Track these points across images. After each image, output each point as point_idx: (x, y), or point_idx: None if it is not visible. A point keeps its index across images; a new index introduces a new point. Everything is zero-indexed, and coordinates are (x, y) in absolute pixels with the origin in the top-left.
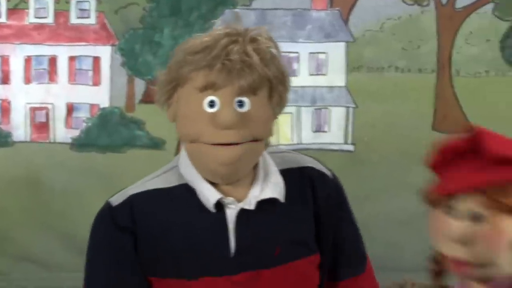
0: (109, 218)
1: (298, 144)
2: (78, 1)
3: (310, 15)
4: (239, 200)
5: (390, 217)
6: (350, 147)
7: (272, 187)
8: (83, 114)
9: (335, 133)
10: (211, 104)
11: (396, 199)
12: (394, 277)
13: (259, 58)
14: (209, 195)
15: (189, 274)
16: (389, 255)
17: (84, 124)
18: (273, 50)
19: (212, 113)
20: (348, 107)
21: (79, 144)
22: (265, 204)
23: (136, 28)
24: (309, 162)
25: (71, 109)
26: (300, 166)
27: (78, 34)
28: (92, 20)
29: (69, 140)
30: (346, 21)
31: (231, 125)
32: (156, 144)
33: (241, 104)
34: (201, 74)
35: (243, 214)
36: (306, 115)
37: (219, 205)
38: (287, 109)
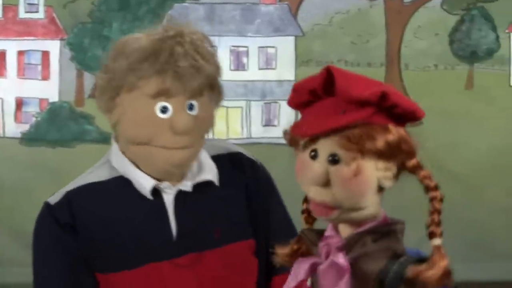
0: (50, 217)
1: (248, 138)
2: None
3: (259, 9)
4: (175, 185)
5: None
6: None
7: (206, 171)
8: (32, 109)
9: (284, 127)
10: (164, 109)
11: None
12: None
13: (203, 59)
14: (144, 183)
15: (133, 263)
16: None
17: (34, 119)
18: (209, 47)
19: (165, 119)
20: None
21: (28, 139)
22: (201, 187)
23: (84, 23)
24: (238, 149)
25: (20, 103)
26: (229, 152)
27: (26, 29)
28: (40, 14)
29: (19, 135)
30: (295, 15)
31: (188, 131)
32: (105, 138)
33: (191, 107)
34: (152, 81)
35: (180, 196)
36: (256, 109)
37: (156, 192)
38: (236, 103)
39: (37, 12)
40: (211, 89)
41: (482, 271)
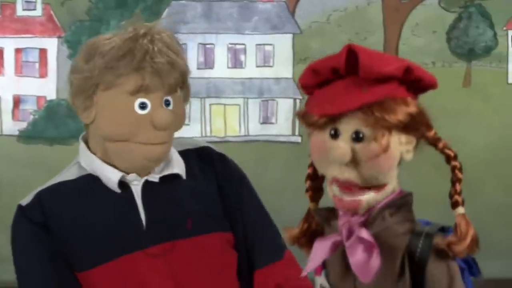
0: (23, 218)
1: (245, 135)
2: None
3: (256, 7)
4: (142, 178)
5: None
6: (298, 139)
7: (173, 165)
8: (30, 107)
9: (282, 124)
10: (142, 106)
11: None
12: None
13: (176, 55)
14: (112, 176)
15: (106, 257)
16: None
17: (31, 117)
18: (178, 45)
19: (144, 114)
20: (295, 98)
21: (26, 136)
22: (168, 180)
23: (82, 20)
24: (207, 144)
25: (18, 101)
26: (197, 147)
27: (24, 26)
28: (38, 12)
29: (16, 133)
30: (292, 13)
31: (169, 126)
32: None
33: (168, 103)
34: (130, 79)
35: (147, 187)
36: (253, 107)
37: (124, 185)
38: (234, 101)
39: (34, 9)
40: (183, 85)
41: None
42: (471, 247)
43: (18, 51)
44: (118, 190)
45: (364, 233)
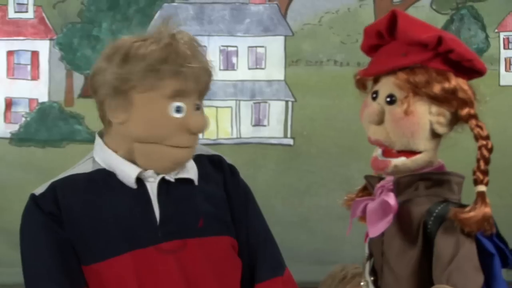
0: (35, 207)
1: (237, 138)
2: None
3: (248, 9)
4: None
5: (330, 210)
6: (290, 141)
7: (187, 170)
8: (22, 109)
9: (274, 127)
10: (178, 109)
11: (336, 193)
12: None
13: (205, 59)
14: (129, 171)
15: (118, 251)
16: (328, 249)
17: (23, 119)
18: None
19: (179, 118)
20: (287, 101)
21: (18, 139)
22: (183, 182)
23: (74, 22)
24: (218, 153)
25: (9, 103)
26: (210, 154)
27: (16, 29)
28: (30, 14)
29: (8, 135)
30: (284, 15)
31: (203, 130)
32: (95, 138)
33: (198, 107)
34: (170, 83)
35: (163, 185)
36: (246, 109)
37: (140, 182)
38: (226, 103)
39: (26, 12)
40: (207, 89)
41: None
42: (480, 223)
43: (10, 53)
44: (134, 186)
45: (390, 197)
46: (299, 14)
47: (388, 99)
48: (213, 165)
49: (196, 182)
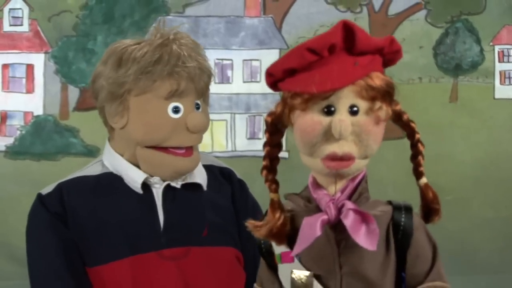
0: (41, 206)
1: (232, 151)
2: (11, 9)
3: (243, 22)
4: (164, 181)
5: None
6: (285, 154)
7: (196, 175)
8: (17, 122)
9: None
10: (176, 110)
11: None
12: None
13: (203, 59)
14: (136, 177)
15: (121, 254)
16: None
17: (18, 132)
18: (200, 48)
19: (178, 118)
20: None
21: (13, 152)
22: (190, 188)
23: (69, 36)
24: (229, 167)
25: (5, 117)
26: (221, 166)
27: (11, 42)
28: (25, 27)
29: (3, 148)
30: (279, 28)
31: (202, 128)
32: (90, 151)
33: (198, 106)
34: (165, 83)
35: (169, 191)
36: (241, 122)
37: (146, 187)
38: (221, 116)
39: (21, 25)
40: (207, 89)
41: (464, 284)
42: (440, 211)
43: (5, 66)
44: (140, 191)
45: (352, 205)
46: (294, 27)
47: (355, 109)
48: (223, 177)
49: (204, 187)
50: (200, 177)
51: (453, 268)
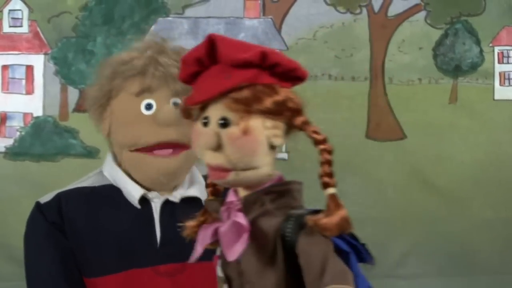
0: (39, 214)
1: None
2: (10, 10)
3: (243, 24)
4: (163, 195)
5: None
6: (284, 156)
7: (196, 188)
8: (16, 123)
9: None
10: (148, 106)
11: None
12: None
13: (177, 57)
14: (133, 191)
15: (116, 268)
16: None
17: (18, 133)
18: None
19: (150, 115)
20: None
21: (12, 153)
22: (189, 202)
23: (69, 37)
24: None
25: (4, 118)
26: None
27: (10, 43)
28: (25, 28)
29: (3, 149)
30: (279, 29)
31: (171, 120)
32: (90, 152)
33: (177, 105)
34: (136, 81)
35: (167, 206)
36: None
37: (145, 201)
38: None
39: (21, 26)
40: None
41: (463, 285)
42: (341, 225)
43: (4, 68)
44: (138, 206)
45: (239, 217)
46: (293, 29)
47: (222, 122)
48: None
49: (203, 201)
50: (199, 189)
51: (453, 269)
